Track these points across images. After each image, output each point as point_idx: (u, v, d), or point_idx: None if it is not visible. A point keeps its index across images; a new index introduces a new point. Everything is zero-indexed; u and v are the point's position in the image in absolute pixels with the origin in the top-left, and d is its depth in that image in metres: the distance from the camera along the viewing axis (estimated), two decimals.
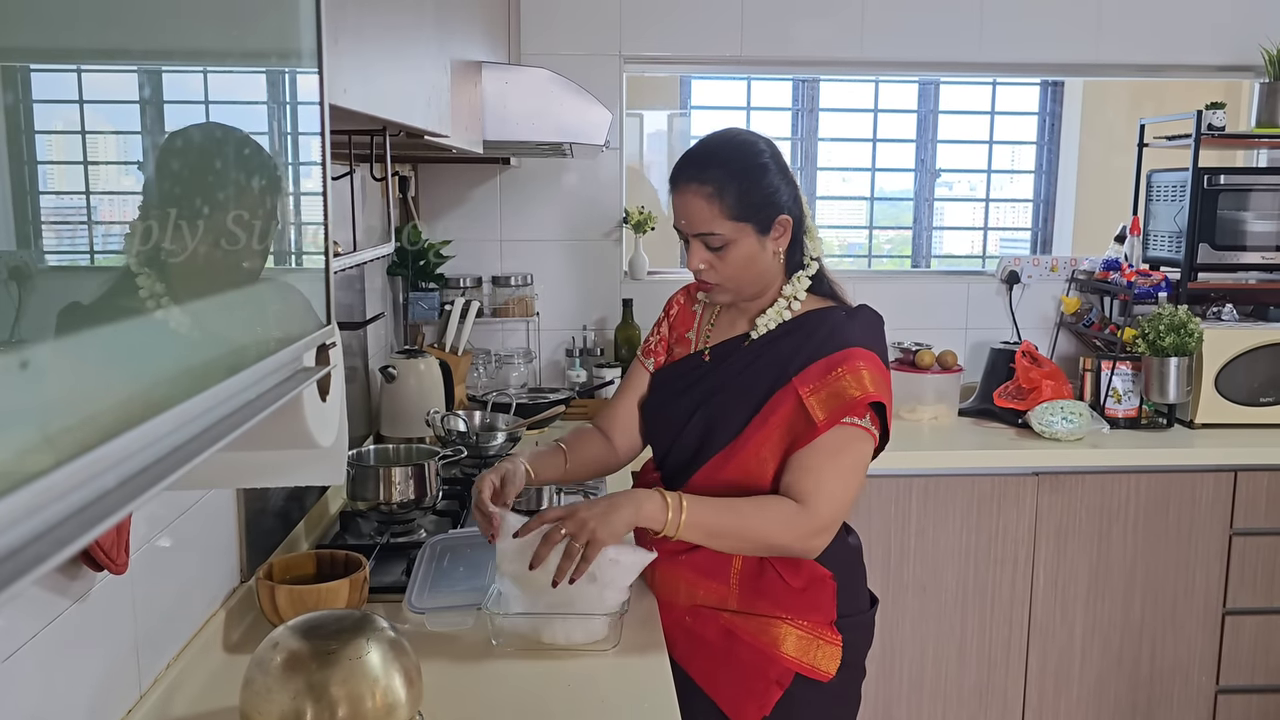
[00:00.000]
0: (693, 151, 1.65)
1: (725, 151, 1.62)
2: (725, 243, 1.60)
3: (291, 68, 0.84)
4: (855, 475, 1.59)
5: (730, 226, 1.59)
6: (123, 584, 1.26)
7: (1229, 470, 2.84)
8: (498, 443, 2.52)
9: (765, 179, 1.61)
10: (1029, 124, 4.04)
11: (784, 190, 1.63)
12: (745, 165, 1.61)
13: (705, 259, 1.62)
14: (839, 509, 1.58)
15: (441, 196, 3.25)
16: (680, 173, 1.62)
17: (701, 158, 1.63)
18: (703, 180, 1.59)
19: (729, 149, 1.63)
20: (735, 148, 1.63)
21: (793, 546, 1.57)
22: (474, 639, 1.59)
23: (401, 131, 1.53)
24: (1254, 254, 3.07)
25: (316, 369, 0.82)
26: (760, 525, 1.55)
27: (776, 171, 1.62)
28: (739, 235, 1.60)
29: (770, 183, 1.61)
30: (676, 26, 3.21)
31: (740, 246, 1.60)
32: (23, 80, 0.50)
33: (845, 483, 1.58)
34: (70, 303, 0.52)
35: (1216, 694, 2.93)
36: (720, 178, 1.58)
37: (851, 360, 1.58)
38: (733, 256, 1.61)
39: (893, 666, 2.85)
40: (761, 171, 1.61)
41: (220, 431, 0.59)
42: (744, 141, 1.64)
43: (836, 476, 1.57)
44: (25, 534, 0.41)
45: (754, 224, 1.60)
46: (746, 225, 1.60)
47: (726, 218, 1.59)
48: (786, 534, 1.55)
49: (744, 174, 1.60)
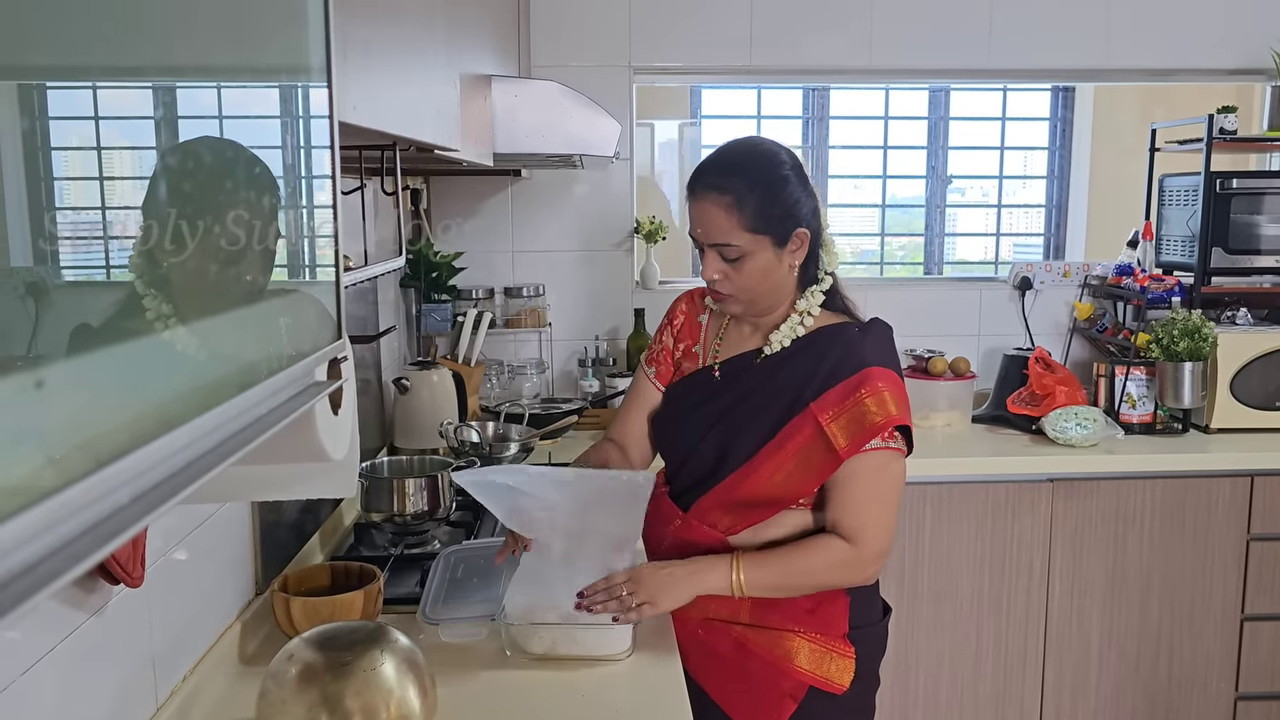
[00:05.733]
0: (713, 159, 1.62)
1: (747, 161, 1.59)
2: (742, 254, 1.57)
3: (302, 84, 0.84)
4: (895, 497, 1.62)
5: (748, 238, 1.56)
6: (139, 597, 1.27)
7: (1245, 475, 2.82)
8: (511, 453, 2.52)
9: (786, 191, 1.58)
10: (1040, 129, 4.03)
11: (804, 203, 1.60)
12: (767, 177, 1.57)
13: (720, 269, 1.60)
14: (887, 536, 1.61)
15: (453, 209, 3.27)
16: (699, 180, 1.59)
17: (722, 166, 1.59)
18: (723, 189, 1.56)
19: (751, 159, 1.60)
20: (757, 158, 1.60)
21: (853, 582, 1.63)
22: (488, 650, 1.59)
23: (412, 146, 1.54)
24: (1268, 258, 3.06)
25: (328, 383, 0.82)
26: (817, 572, 1.60)
27: (797, 183, 1.59)
28: (756, 247, 1.57)
29: (791, 195, 1.58)
30: (686, 37, 3.22)
31: (756, 258, 1.58)
32: (39, 98, 0.50)
33: (887, 509, 1.61)
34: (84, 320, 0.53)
35: (1236, 701, 2.90)
36: (740, 188, 1.55)
37: (871, 381, 1.57)
38: (748, 268, 1.58)
39: (908, 676, 2.83)
40: (783, 184, 1.58)
41: (233, 446, 0.59)
42: (766, 152, 1.61)
43: (879, 505, 1.59)
44: (42, 549, 0.41)
45: (772, 236, 1.57)
46: (764, 238, 1.57)
47: (744, 229, 1.56)
48: (844, 575, 1.61)
49: (765, 185, 1.57)
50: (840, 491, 1.59)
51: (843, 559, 1.57)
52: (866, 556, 1.58)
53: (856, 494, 1.58)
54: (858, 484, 1.58)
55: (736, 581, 1.55)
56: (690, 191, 1.60)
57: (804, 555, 1.58)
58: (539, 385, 3.22)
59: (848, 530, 1.58)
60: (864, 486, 1.58)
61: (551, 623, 1.54)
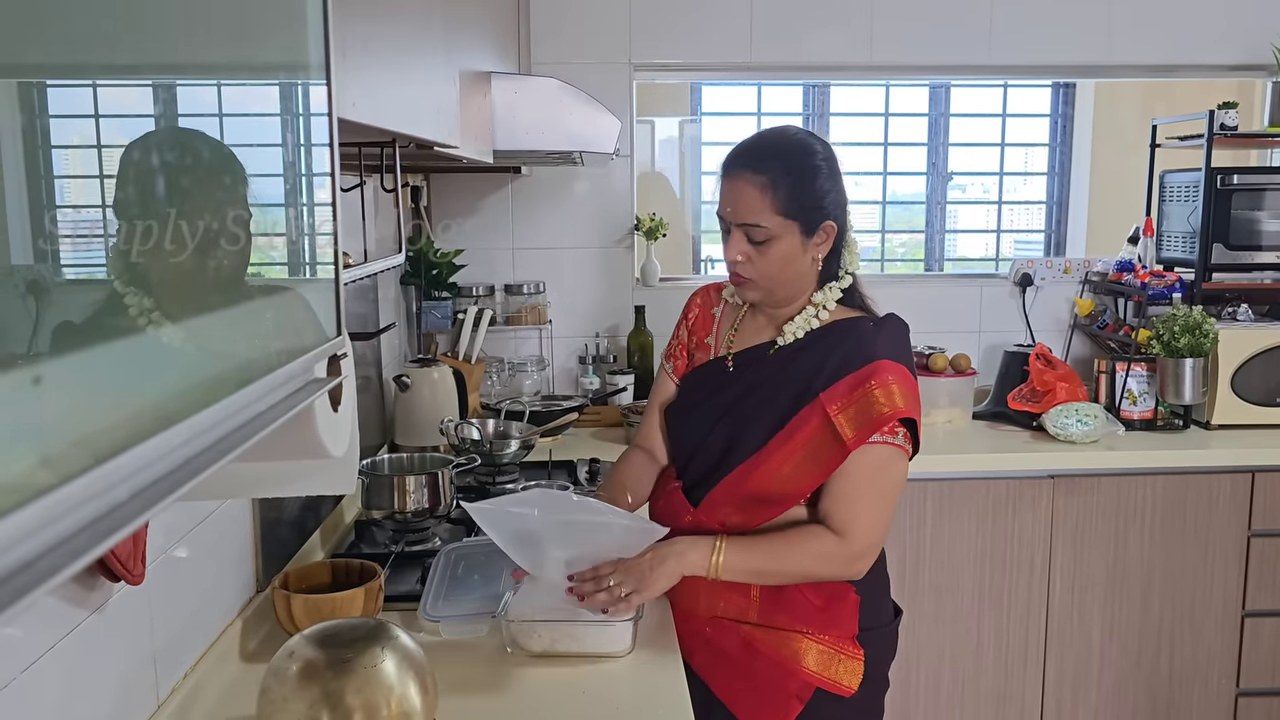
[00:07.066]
0: (751, 141, 1.64)
1: (783, 146, 1.62)
2: (769, 237, 1.58)
3: (301, 81, 0.84)
4: (891, 496, 1.60)
5: (777, 221, 1.58)
6: (140, 594, 1.27)
7: (1246, 471, 2.82)
8: (511, 450, 2.53)
9: (818, 181, 1.60)
10: (1041, 126, 4.03)
11: (834, 197, 1.62)
12: (801, 164, 1.59)
13: (744, 251, 1.61)
14: (877, 534, 1.59)
15: (454, 206, 3.27)
16: (735, 160, 1.61)
17: (759, 149, 1.62)
18: (758, 169, 1.58)
19: (787, 145, 1.62)
20: (793, 145, 1.62)
21: (835, 577, 1.61)
22: (489, 647, 1.59)
23: (411, 143, 1.54)
24: (1269, 253, 3.05)
25: (327, 380, 0.82)
26: (800, 561, 1.58)
27: (829, 176, 1.61)
28: (784, 232, 1.58)
29: (822, 186, 1.60)
30: (686, 34, 3.21)
31: (782, 243, 1.59)
32: (39, 96, 0.51)
33: (881, 506, 1.59)
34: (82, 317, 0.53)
35: (1237, 697, 2.91)
36: (776, 170, 1.57)
37: (880, 374, 1.57)
38: (773, 253, 1.59)
39: (910, 672, 2.84)
40: (814, 173, 1.60)
41: (232, 443, 0.59)
42: (802, 141, 1.64)
43: (873, 501, 1.58)
44: (40, 545, 0.42)
45: (800, 223, 1.59)
46: (793, 223, 1.58)
47: (775, 211, 1.57)
48: (828, 567, 1.59)
49: (799, 171, 1.59)
50: (836, 483, 1.58)
51: (827, 550, 1.56)
52: (853, 551, 1.57)
53: (851, 487, 1.57)
54: (854, 477, 1.57)
55: (714, 563, 1.55)
56: (725, 171, 1.62)
57: (788, 543, 1.58)
58: (539, 382, 3.22)
59: (838, 523, 1.57)
60: (860, 480, 1.57)
61: (552, 620, 1.54)
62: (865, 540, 1.57)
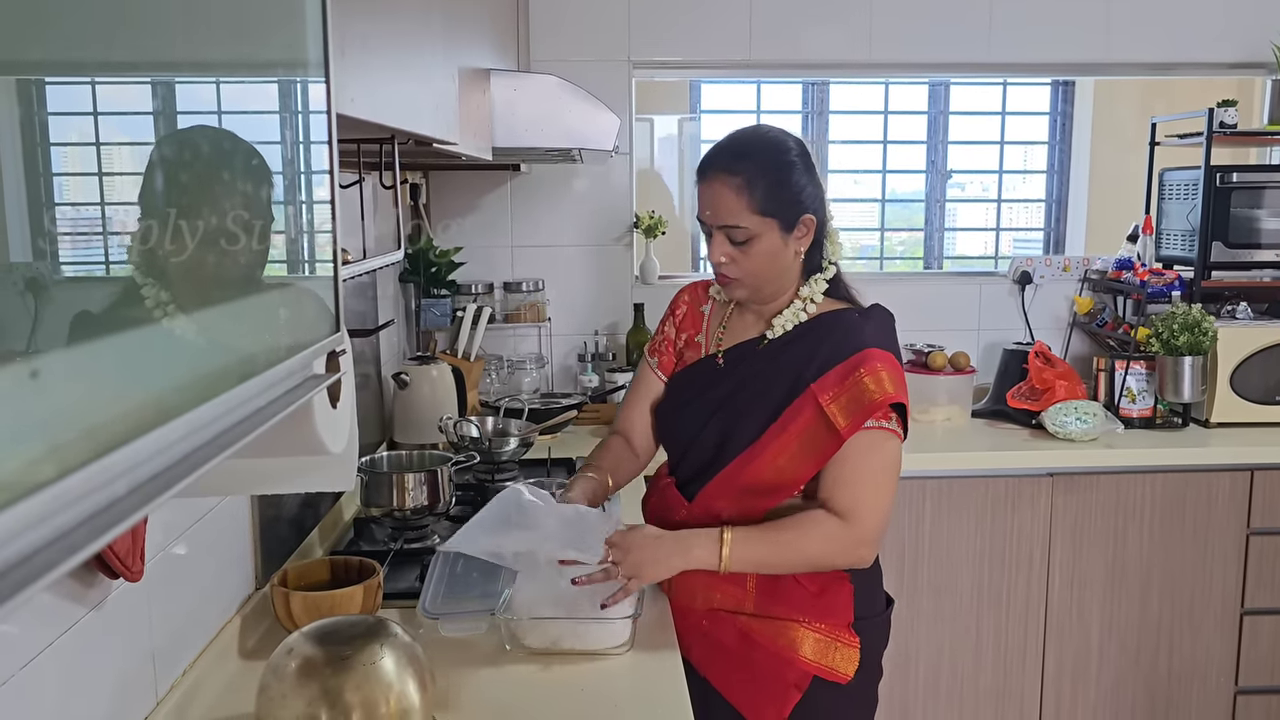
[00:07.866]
0: (723, 144, 1.65)
1: (757, 146, 1.63)
2: (749, 236, 1.60)
3: (300, 79, 0.84)
4: (890, 479, 1.61)
5: (756, 220, 1.59)
6: (138, 591, 1.27)
7: (1245, 469, 2.82)
8: (510, 448, 2.53)
9: (793, 176, 1.62)
10: (1040, 124, 4.03)
11: (810, 190, 1.63)
12: (775, 161, 1.61)
13: (727, 252, 1.62)
14: (881, 517, 1.60)
15: (453, 203, 3.27)
16: (710, 163, 1.63)
17: (733, 150, 1.63)
18: (733, 171, 1.60)
19: (761, 145, 1.64)
20: (767, 144, 1.64)
21: (842, 562, 1.61)
22: (488, 644, 1.59)
23: (410, 140, 1.54)
24: (1268, 251, 3.06)
25: (326, 376, 0.82)
26: (806, 549, 1.59)
27: (804, 171, 1.63)
28: (763, 230, 1.60)
29: (798, 181, 1.62)
30: (685, 31, 3.21)
31: (763, 241, 1.61)
32: (38, 93, 0.50)
33: (882, 489, 1.60)
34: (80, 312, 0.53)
35: (1235, 695, 2.91)
36: (750, 170, 1.59)
37: (869, 361, 1.59)
38: (755, 251, 1.61)
39: (909, 669, 2.84)
40: (789, 169, 1.62)
41: (231, 438, 0.59)
42: (775, 139, 1.65)
43: (873, 485, 1.59)
44: (37, 540, 0.41)
45: (779, 220, 1.60)
46: (772, 220, 1.60)
47: (753, 211, 1.59)
48: (834, 554, 1.60)
49: (774, 169, 1.60)
50: (833, 469, 1.59)
51: (832, 533, 1.57)
52: (859, 535, 1.57)
53: (849, 471, 1.58)
54: (852, 461, 1.58)
55: (725, 556, 1.55)
56: (701, 175, 1.64)
57: (794, 529, 1.58)
58: (538, 380, 3.22)
59: (840, 508, 1.58)
60: (859, 465, 1.58)
61: (551, 617, 1.54)
62: (869, 522, 1.58)
